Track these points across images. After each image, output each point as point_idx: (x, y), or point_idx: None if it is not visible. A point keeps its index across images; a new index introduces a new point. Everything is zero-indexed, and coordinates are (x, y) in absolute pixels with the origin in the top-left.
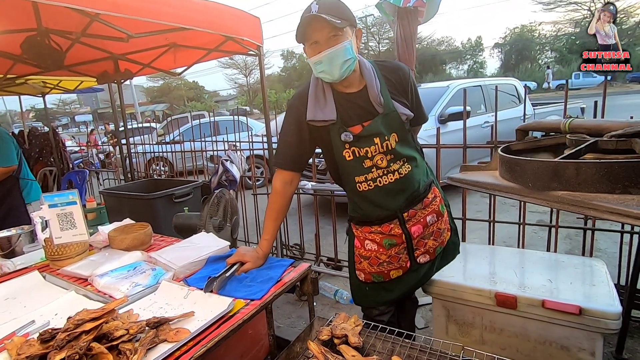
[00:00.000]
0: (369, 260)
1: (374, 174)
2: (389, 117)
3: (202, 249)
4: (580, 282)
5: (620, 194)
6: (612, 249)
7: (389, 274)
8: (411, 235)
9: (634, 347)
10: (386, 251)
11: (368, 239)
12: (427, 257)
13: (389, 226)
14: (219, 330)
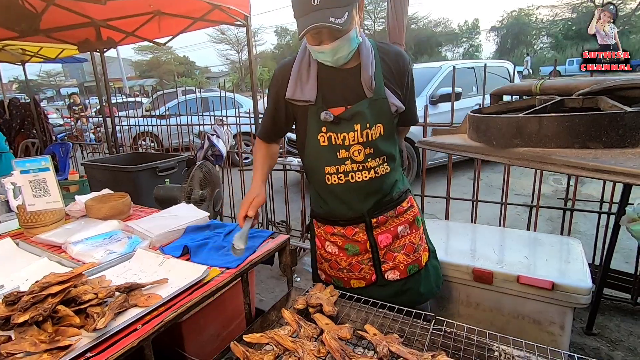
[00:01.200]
0: (330, 263)
1: (347, 167)
2: (378, 104)
3: (180, 219)
4: (555, 259)
5: (579, 149)
6: (591, 231)
7: (349, 282)
8: (377, 245)
9: (603, 323)
10: (347, 257)
11: (329, 240)
12: (396, 274)
13: (353, 229)
14: (192, 296)
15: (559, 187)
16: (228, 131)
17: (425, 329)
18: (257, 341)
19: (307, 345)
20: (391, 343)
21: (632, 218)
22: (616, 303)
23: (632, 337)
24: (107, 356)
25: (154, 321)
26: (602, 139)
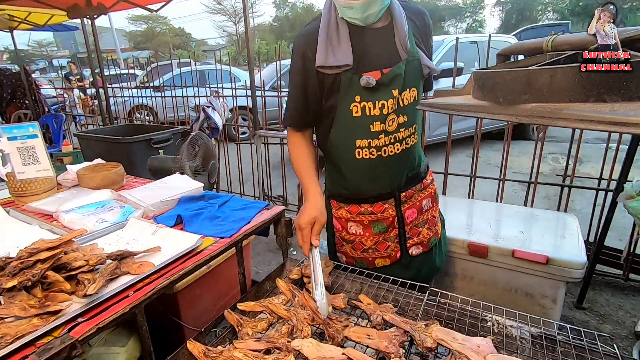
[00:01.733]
0: (353, 244)
1: (380, 142)
2: (412, 66)
3: (174, 189)
4: (551, 235)
5: (594, 102)
6: (587, 209)
7: (374, 262)
8: (405, 220)
9: (594, 298)
10: (373, 236)
11: (354, 220)
12: (419, 249)
13: (382, 206)
14: (185, 264)
15: (557, 165)
16: (224, 103)
17: (419, 299)
18: (251, 309)
19: (301, 314)
20: (385, 312)
21: (630, 195)
22: (608, 279)
23: (621, 311)
24: (98, 321)
25: (146, 288)
26: (620, 91)
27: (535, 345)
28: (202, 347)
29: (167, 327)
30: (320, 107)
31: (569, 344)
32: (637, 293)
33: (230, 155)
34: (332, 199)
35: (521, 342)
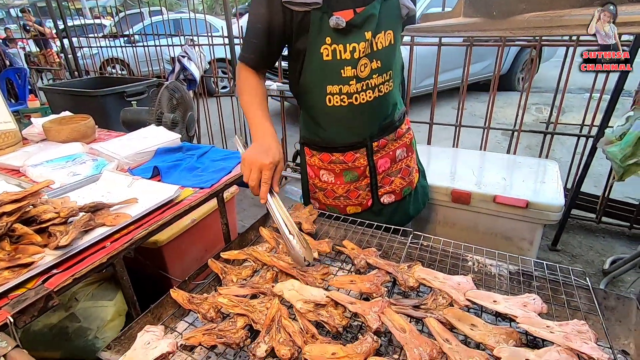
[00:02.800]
0: (325, 192)
1: (351, 88)
2: (389, 5)
3: (150, 141)
4: (532, 180)
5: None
6: (566, 158)
7: (345, 209)
8: (376, 170)
9: (567, 240)
10: (345, 184)
11: (325, 169)
12: (392, 198)
13: (353, 155)
14: (163, 215)
15: (540, 116)
16: (201, 53)
17: (402, 243)
18: (235, 258)
19: (286, 260)
20: (368, 256)
21: (610, 140)
22: (581, 222)
23: (592, 251)
24: (73, 272)
25: (124, 239)
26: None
27: (513, 281)
28: (186, 295)
29: (155, 282)
30: (281, 47)
31: (544, 278)
32: (608, 235)
33: (211, 110)
34: (306, 146)
35: (499, 278)
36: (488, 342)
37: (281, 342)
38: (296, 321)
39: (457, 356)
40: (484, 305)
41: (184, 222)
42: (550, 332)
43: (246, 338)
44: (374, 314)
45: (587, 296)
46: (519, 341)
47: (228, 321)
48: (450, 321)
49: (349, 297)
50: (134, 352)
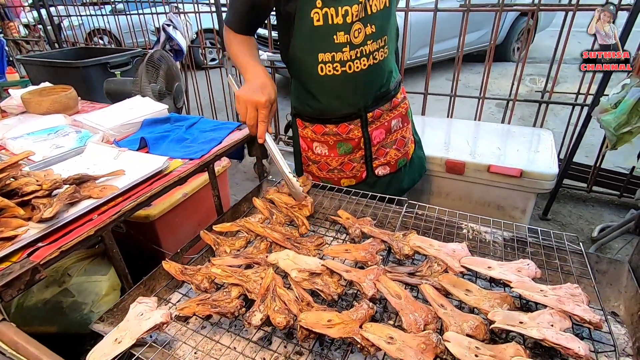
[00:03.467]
0: (318, 164)
1: (344, 56)
2: None
3: (136, 112)
4: (526, 149)
5: None
6: (560, 128)
7: (340, 182)
8: (371, 141)
9: (558, 209)
10: (339, 157)
11: (318, 141)
12: (386, 169)
13: (347, 127)
14: (152, 187)
15: (534, 87)
16: (186, 22)
17: (397, 212)
18: (228, 230)
19: (279, 230)
20: (363, 225)
21: (605, 108)
22: (572, 192)
23: (581, 220)
24: (60, 245)
25: (111, 211)
26: None
27: (507, 248)
28: (178, 266)
29: (149, 257)
30: (267, 11)
31: (538, 244)
32: (597, 204)
33: (200, 84)
34: (298, 117)
35: (494, 245)
36: (482, 306)
37: (276, 310)
38: (291, 290)
39: (452, 320)
40: (478, 271)
41: (175, 196)
42: (543, 296)
43: (241, 307)
44: (369, 281)
45: (580, 260)
46: (512, 305)
47: (222, 291)
48: (445, 287)
49: (344, 265)
50: (126, 323)
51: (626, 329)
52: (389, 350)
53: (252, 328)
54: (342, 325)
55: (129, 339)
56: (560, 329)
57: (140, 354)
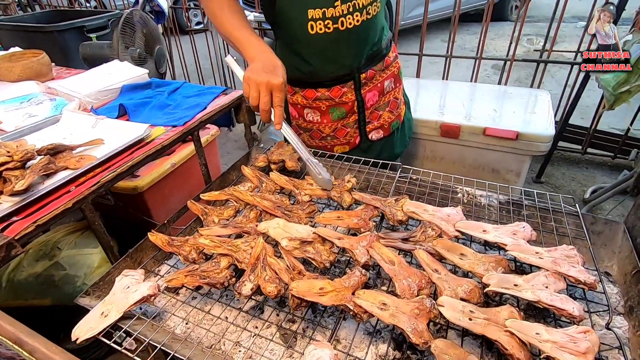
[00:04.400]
0: (310, 132)
1: (336, 11)
2: None
3: (114, 78)
4: (522, 111)
5: None
6: (557, 91)
7: (333, 149)
8: (365, 104)
9: (551, 172)
10: (332, 123)
11: (310, 107)
12: (380, 133)
13: (340, 90)
14: (132, 156)
15: (532, 47)
16: None
17: (391, 177)
18: (216, 199)
19: (269, 198)
20: (355, 192)
21: None
22: (566, 154)
23: (574, 182)
24: (35, 219)
25: (89, 182)
26: None
27: (502, 211)
28: (165, 237)
29: (141, 229)
30: None
31: (534, 207)
32: (590, 166)
33: (185, 49)
34: (288, 83)
35: (489, 209)
36: (477, 270)
37: (267, 279)
38: (282, 259)
39: (446, 285)
40: (473, 235)
41: (164, 166)
42: (539, 258)
43: (231, 278)
44: (362, 248)
45: (575, 222)
46: (507, 268)
47: (211, 262)
48: (440, 252)
49: (336, 232)
50: (113, 296)
51: (618, 289)
52: (382, 316)
53: (242, 298)
54: (334, 293)
55: (116, 312)
56: (554, 290)
57: (127, 327)
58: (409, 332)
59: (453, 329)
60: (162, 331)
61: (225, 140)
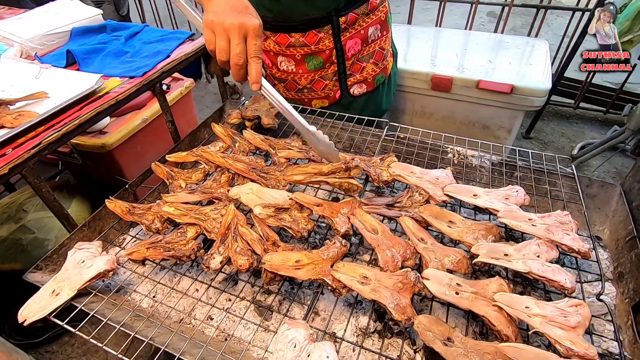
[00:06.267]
0: (285, 83)
1: None
2: None
3: (62, 19)
4: (518, 62)
5: None
6: (552, 41)
7: (311, 103)
8: (345, 54)
9: (541, 127)
10: (308, 73)
11: (284, 54)
12: (363, 88)
13: (316, 35)
14: (82, 112)
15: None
16: None
17: (377, 136)
18: (183, 160)
19: (243, 160)
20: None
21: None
22: (558, 109)
23: (563, 138)
24: None
25: (30, 143)
26: None
27: (494, 172)
28: (125, 205)
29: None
30: None
31: (528, 168)
32: (581, 121)
33: None
34: None
35: (480, 170)
36: (466, 239)
37: (238, 251)
38: (255, 228)
39: (432, 255)
40: (463, 200)
41: (133, 122)
42: (532, 225)
43: (198, 249)
44: (342, 216)
45: (570, 185)
46: (498, 236)
47: (176, 232)
48: (427, 219)
49: (315, 198)
50: (65, 272)
51: (608, 254)
52: (362, 291)
53: (211, 272)
54: (311, 266)
55: (69, 290)
56: (546, 259)
57: (83, 306)
58: (391, 308)
59: (438, 301)
60: (123, 308)
61: (204, 92)
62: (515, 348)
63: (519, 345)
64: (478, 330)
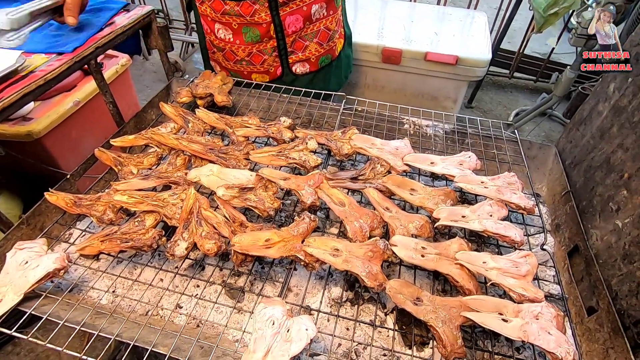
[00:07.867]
0: (224, 52)
1: None
2: None
3: None
4: (460, 34)
5: None
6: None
7: (250, 76)
8: (284, 29)
9: (481, 97)
10: (246, 45)
11: (220, 22)
12: (306, 67)
13: (251, 6)
14: (3, 94)
15: None
16: None
17: (335, 110)
18: (132, 144)
19: (198, 141)
20: (298, 129)
21: None
22: (495, 79)
23: (500, 106)
24: None
25: None
26: None
27: (447, 140)
28: (69, 197)
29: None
30: None
31: (477, 135)
32: (515, 90)
33: None
34: None
35: (435, 139)
36: (427, 205)
37: (204, 236)
38: (220, 210)
39: (398, 223)
40: (421, 168)
41: (64, 105)
42: (484, 188)
43: (160, 237)
44: (308, 188)
45: (514, 148)
46: (455, 200)
47: (133, 221)
48: (390, 188)
49: (281, 172)
50: (7, 276)
51: (547, 208)
52: (335, 263)
53: (176, 260)
54: (282, 244)
55: (13, 295)
56: (498, 218)
57: (33, 310)
58: (364, 276)
59: (405, 265)
60: (81, 308)
61: (142, 71)
62: (478, 300)
63: (480, 297)
64: (441, 288)
